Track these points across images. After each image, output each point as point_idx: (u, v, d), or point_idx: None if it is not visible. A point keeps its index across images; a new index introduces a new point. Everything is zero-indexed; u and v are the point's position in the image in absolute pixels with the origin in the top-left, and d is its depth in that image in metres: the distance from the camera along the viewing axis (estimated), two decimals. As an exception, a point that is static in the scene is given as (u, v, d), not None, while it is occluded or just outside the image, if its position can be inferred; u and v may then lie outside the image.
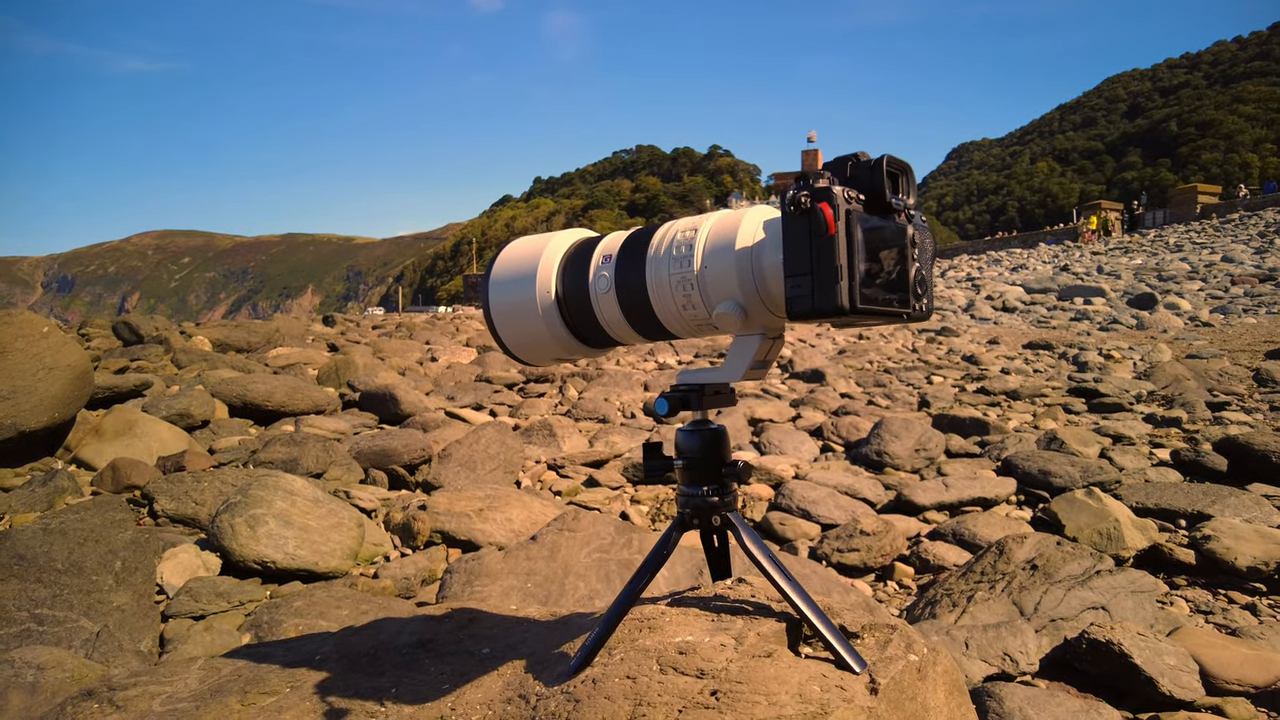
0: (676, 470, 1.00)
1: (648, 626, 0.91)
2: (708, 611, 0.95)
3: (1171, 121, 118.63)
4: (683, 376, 0.98)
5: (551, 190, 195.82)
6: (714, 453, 0.99)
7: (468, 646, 1.09)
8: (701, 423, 1.01)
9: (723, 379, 0.95)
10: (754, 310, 0.90)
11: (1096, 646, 2.16)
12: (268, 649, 1.22)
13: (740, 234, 0.90)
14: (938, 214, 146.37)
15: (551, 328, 1.01)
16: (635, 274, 0.95)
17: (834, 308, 0.78)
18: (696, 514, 0.99)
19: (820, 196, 0.78)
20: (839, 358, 10.79)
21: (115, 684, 1.15)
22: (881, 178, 0.82)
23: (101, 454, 4.08)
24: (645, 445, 1.03)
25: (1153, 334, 12.59)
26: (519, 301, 1.02)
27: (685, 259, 0.92)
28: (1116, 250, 30.24)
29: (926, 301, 0.90)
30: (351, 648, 1.13)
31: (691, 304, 0.92)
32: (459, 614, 1.21)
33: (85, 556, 2.55)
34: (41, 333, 3.99)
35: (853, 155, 0.84)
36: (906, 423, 5.00)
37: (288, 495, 2.91)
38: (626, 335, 1.01)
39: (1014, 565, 2.62)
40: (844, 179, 0.83)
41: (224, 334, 9.79)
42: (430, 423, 5.43)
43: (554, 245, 1.04)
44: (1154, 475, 4.34)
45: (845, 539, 3.28)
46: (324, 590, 2.55)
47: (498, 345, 1.05)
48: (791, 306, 0.81)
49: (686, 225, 0.95)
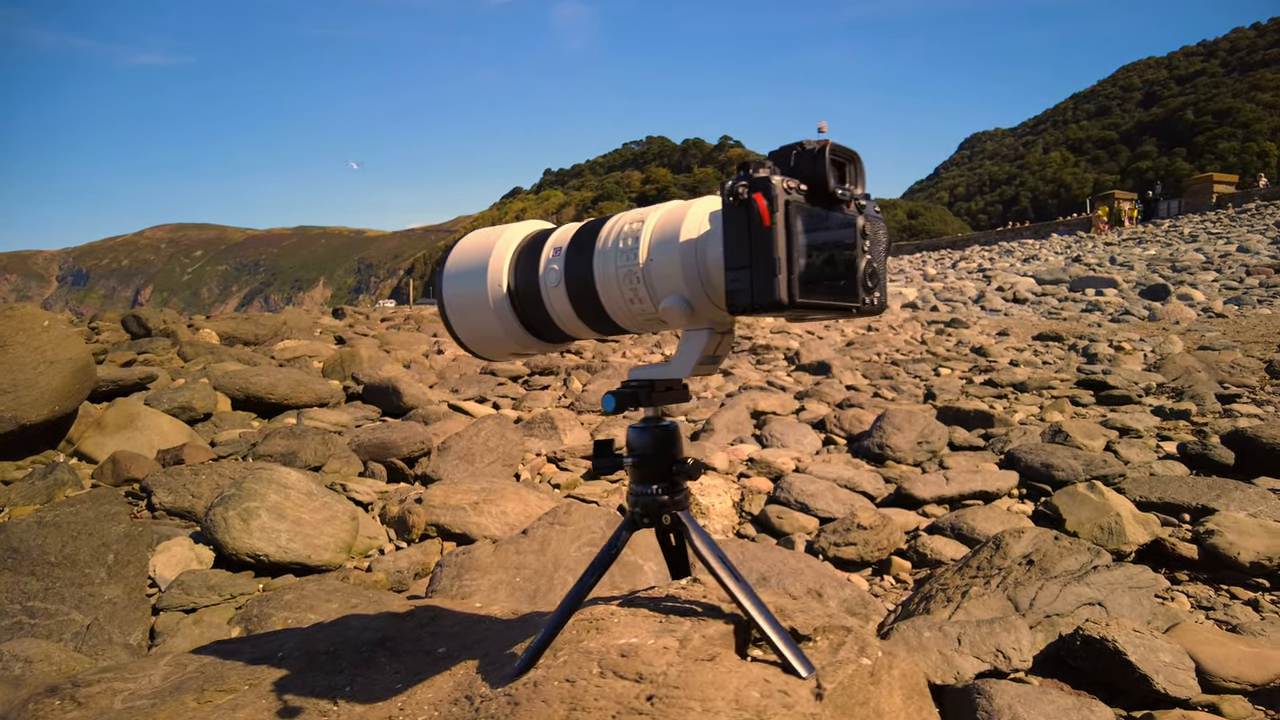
0: (627, 468, 0.98)
1: (595, 627, 0.90)
2: (657, 612, 0.93)
3: (1188, 110, 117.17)
4: (634, 373, 0.96)
5: (561, 182, 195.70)
6: (664, 450, 0.96)
7: (426, 645, 1.08)
8: (652, 419, 0.98)
9: (672, 375, 0.93)
10: (700, 304, 0.87)
11: (1090, 643, 2.13)
12: (235, 645, 1.21)
13: (685, 226, 0.87)
14: (950, 204, 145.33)
15: (504, 322, 0.99)
16: (584, 267, 0.93)
17: (772, 302, 0.75)
18: (647, 513, 0.97)
19: (757, 187, 0.76)
20: (846, 350, 10.74)
21: (80, 680, 1.14)
22: (824, 166, 0.79)
23: (103, 447, 4.10)
24: (596, 442, 1.01)
25: (1164, 325, 12.46)
26: (471, 295, 1.00)
27: (631, 252, 0.89)
28: (1130, 241, 29.96)
29: (879, 295, 0.87)
30: (314, 645, 1.12)
31: (638, 298, 0.90)
32: (422, 611, 1.20)
33: (78, 550, 2.56)
34: (42, 326, 4.00)
35: (797, 143, 0.81)
36: (909, 415, 4.96)
37: (281, 488, 2.91)
38: (579, 330, 0.98)
39: (1010, 560, 2.59)
40: (786, 168, 0.80)
41: (232, 327, 9.83)
42: (431, 415, 5.43)
43: (507, 237, 1.01)
44: (1160, 468, 4.29)
45: (842, 533, 3.26)
46: (315, 584, 2.55)
47: (453, 340, 1.03)
48: (731, 300, 0.78)
49: (634, 217, 0.92)
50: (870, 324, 13.86)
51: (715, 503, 3.82)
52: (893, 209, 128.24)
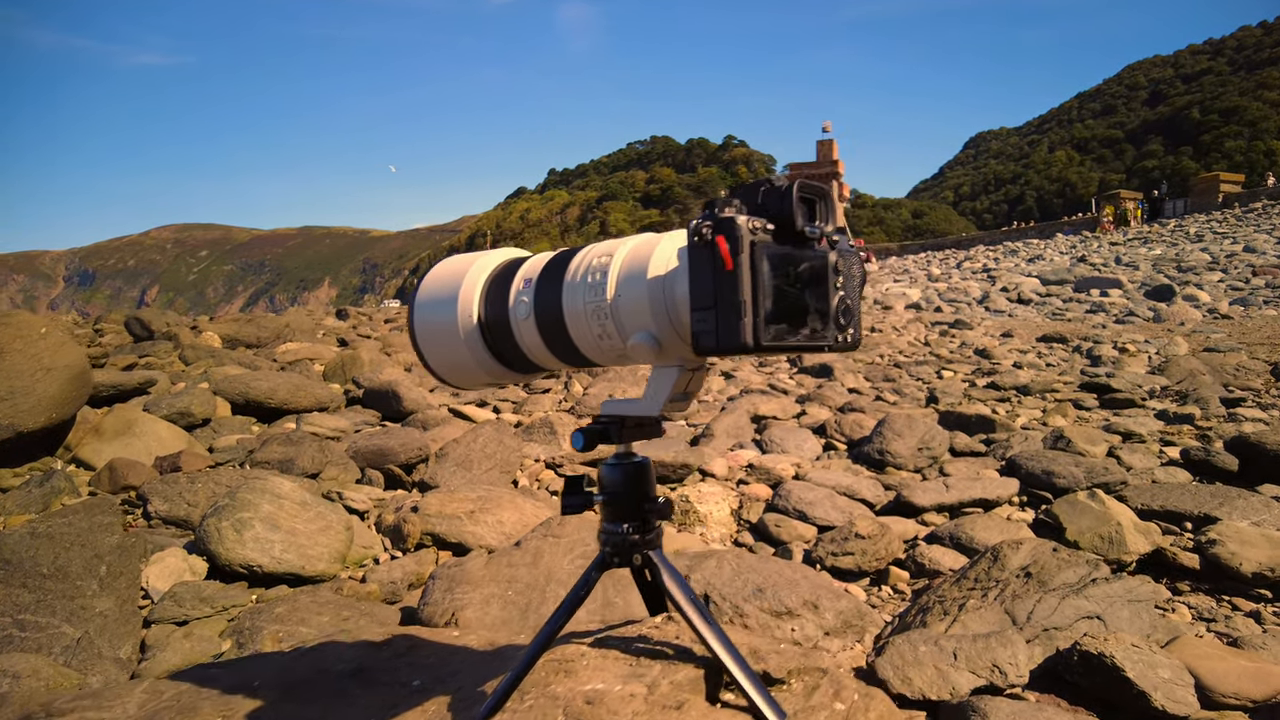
0: (598, 507, 0.96)
1: (564, 670, 0.88)
2: (628, 654, 0.91)
3: (1194, 109, 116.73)
4: (605, 407, 0.94)
5: (566, 182, 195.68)
6: (636, 488, 0.94)
7: (402, 676, 1.06)
8: (624, 455, 0.96)
9: (643, 412, 0.91)
10: (668, 342, 0.85)
11: (1088, 658, 2.10)
12: (214, 672, 1.20)
13: (653, 262, 0.85)
14: (954, 204, 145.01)
15: (474, 352, 0.97)
16: (553, 300, 0.91)
17: (738, 345, 0.73)
18: (617, 552, 0.95)
19: (721, 228, 0.73)
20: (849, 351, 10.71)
21: (55, 709, 1.13)
22: (792, 204, 0.77)
23: (101, 454, 4.10)
24: (565, 479, 0.98)
25: (1169, 326, 12.40)
26: (442, 325, 0.98)
27: (599, 286, 0.87)
28: (1135, 240, 29.83)
29: (853, 331, 0.85)
30: (292, 674, 1.11)
31: (607, 334, 0.88)
32: (399, 641, 1.18)
33: (71, 561, 2.55)
34: (39, 333, 4.00)
35: (766, 180, 0.79)
36: (910, 420, 4.93)
37: (275, 498, 2.90)
38: (549, 362, 0.96)
39: (1008, 572, 2.57)
40: (754, 207, 0.78)
41: (234, 329, 9.83)
42: (431, 420, 5.42)
43: (478, 266, 0.99)
44: (1162, 475, 4.25)
45: (840, 542, 3.23)
46: (307, 595, 2.54)
47: (425, 370, 1.02)
48: (697, 342, 0.76)
49: (603, 250, 0.90)
50: (874, 325, 13.82)
51: (713, 510, 3.80)
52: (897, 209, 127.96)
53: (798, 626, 2.61)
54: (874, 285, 24.78)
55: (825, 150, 78.71)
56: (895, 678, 2.17)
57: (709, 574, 2.74)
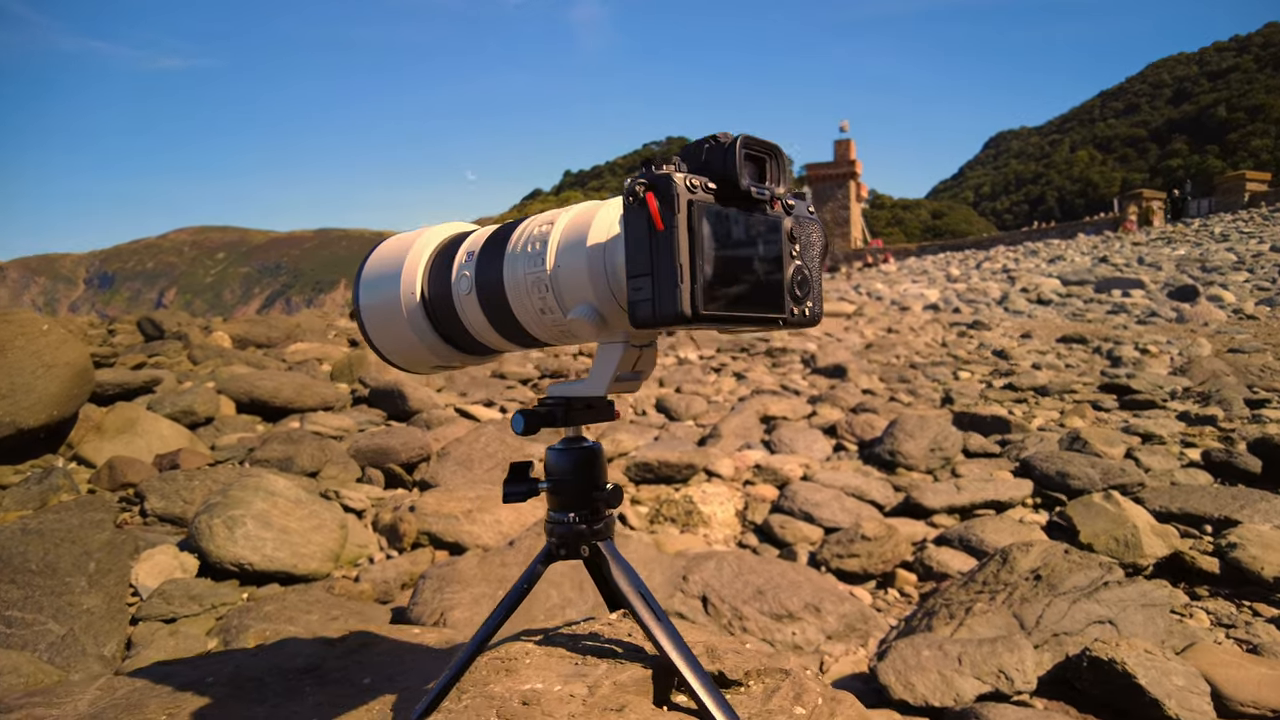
0: (544, 494, 0.90)
1: (506, 669, 0.82)
2: (574, 653, 0.85)
3: (1220, 106, 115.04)
4: (551, 389, 0.87)
5: (581, 183, 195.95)
6: (584, 474, 0.88)
7: (353, 675, 1.01)
8: (573, 440, 0.90)
9: (589, 392, 0.84)
10: (611, 315, 0.78)
11: (1098, 665, 2.02)
12: (171, 669, 1.15)
13: (594, 228, 0.78)
14: (975, 204, 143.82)
15: (419, 333, 0.91)
16: (495, 274, 0.85)
17: (675, 314, 0.66)
18: (563, 544, 0.88)
19: (654, 185, 0.67)
20: (865, 352, 10.58)
21: (4, 705, 1.08)
22: (735, 162, 0.70)
23: (102, 451, 4.09)
24: (511, 465, 0.92)
25: (1193, 327, 12.16)
26: (386, 303, 0.92)
27: (539, 256, 0.81)
28: (1159, 240, 29.40)
29: (811, 305, 0.77)
30: (246, 671, 1.06)
31: (548, 307, 0.81)
32: (354, 638, 1.13)
33: (60, 558, 2.52)
34: (41, 330, 4.00)
35: (711, 137, 0.72)
36: (922, 421, 4.83)
37: (268, 496, 2.86)
38: (496, 342, 0.90)
39: (1017, 575, 2.48)
40: (697, 165, 0.71)
41: (245, 330, 9.86)
42: (435, 420, 5.38)
43: (423, 240, 0.93)
44: (1182, 477, 4.13)
45: (846, 544, 3.15)
46: (297, 594, 2.50)
47: (373, 352, 0.96)
48: (633, 312, 0.69)
49: (545, 219, 0.84)
50: (891, 326, 13.68)
51: (718, 511, 3.73)
52: (916, 209, 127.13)
53: (798, 630, 2.54)
54: (892, 286, 24.56)
55: (843, 150, 78.36)
56: (897, 683, 2.09)
57: (708, 575, 2.67)
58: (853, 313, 15.81)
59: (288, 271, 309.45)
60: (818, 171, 78.02)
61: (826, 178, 76.74)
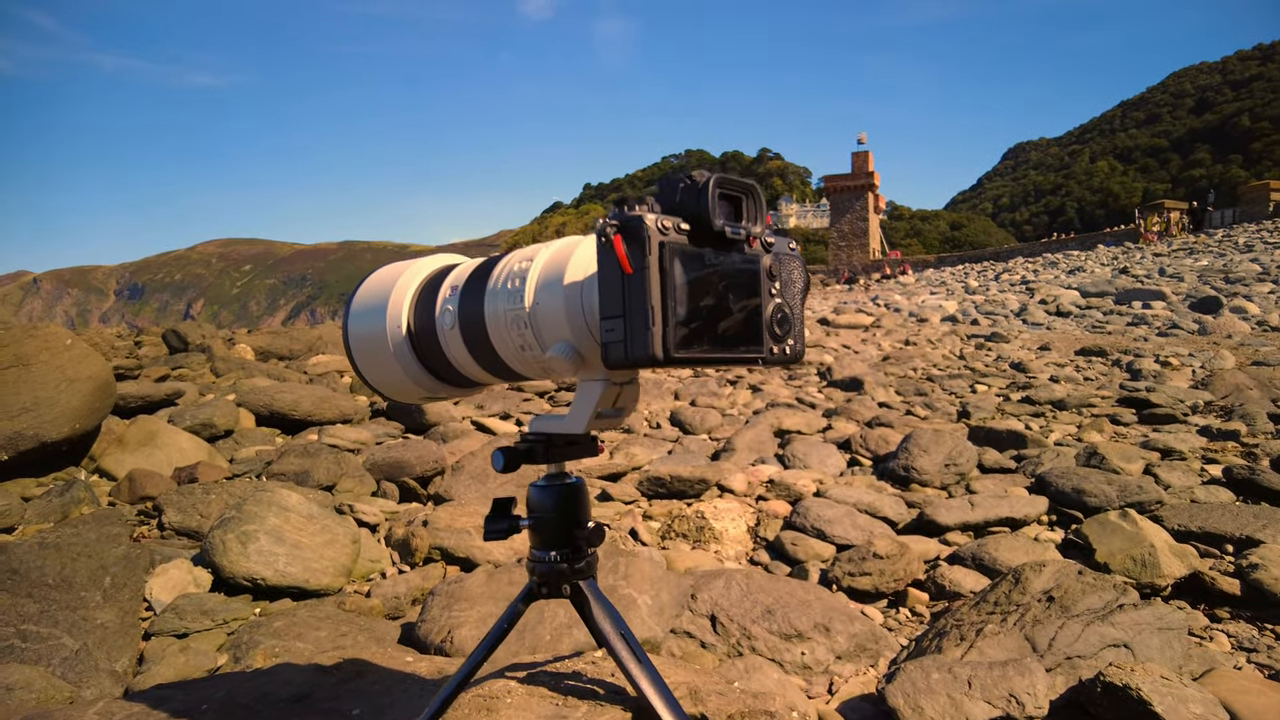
0: (526, 531, 0.90)
1: (486, 708, 0.82)
2: (555, 693, 0.85)
3: (1243, 115, 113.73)
4: (533, 424, 0.88)
5: (601, 196, 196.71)
6: (565, 512, 0.88)
7: (343, 705, 1.01)
8: (556, 476, 0.90)
9: (569, 429, 0.85)
10: (589, 353, 0.78)
11: (1112, 690, 1.98)
12: (166, 693, 1.16)
13: (570, 266, 0.79)
14: (993, 215, 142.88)
15: (405, 365, 0.91)
16: (476, 309, 0.85)
17: (647, 357, 0.66)
18: (545, 582, 0.88)
19: (623, 227, 0.67)
20: (881, 365, 10.51)
21: (4, 729, 1.10)
22: (709, 203, 0.70)
23: (122, 464, 4.15)
24: (494, 501, 0.92)
25: (1215, 339, 11.99)
26: (372, 335, 0.93)
27: (518, 294, 0.81)
28: (1181, 251, 29.05)
29: (793, 343, 0.77)
30: (238, 697, 1.07)
31: (527, 344, 0.82)
32: (348, 665, 1.14)
33: (76, 572, 2.55)
34: (65, 344, 4.06)
35: (686, 174, 0.72)
36: (937, 436, 4.79)
37: (281, 511, 2.89)
38: (479, 375, 0.91)
39: (1029, 596, 2.45)
40: (670, 205, 0.71)
41: (267, 342, 9.98)
42: (450, 433, 5.40)
43: (410, 273, 0.94)
44: (1202, 494, 4.06)
45: (858, 562, 3.13)
46: (307, 610, 2.51)
47: (361, 382, 0.97)
48: (606, 354, 0.70)
49: (525, 255, 0.84)
50: (908, 338, 13.60)
51: (729, 527, 3.71)
52: (935, 220, 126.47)
53: (808, 650, 2.52)
54: (910, 297, 24.42)
55: (860, 162, 78.17)
56: (905, 706, 2.07)
57: (717, 594, 2.66)
58: (870, 324, 15.74)
59: (312, 283, 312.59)
60: (836, 183, 77.88)
61: (844, 189, 76.57)
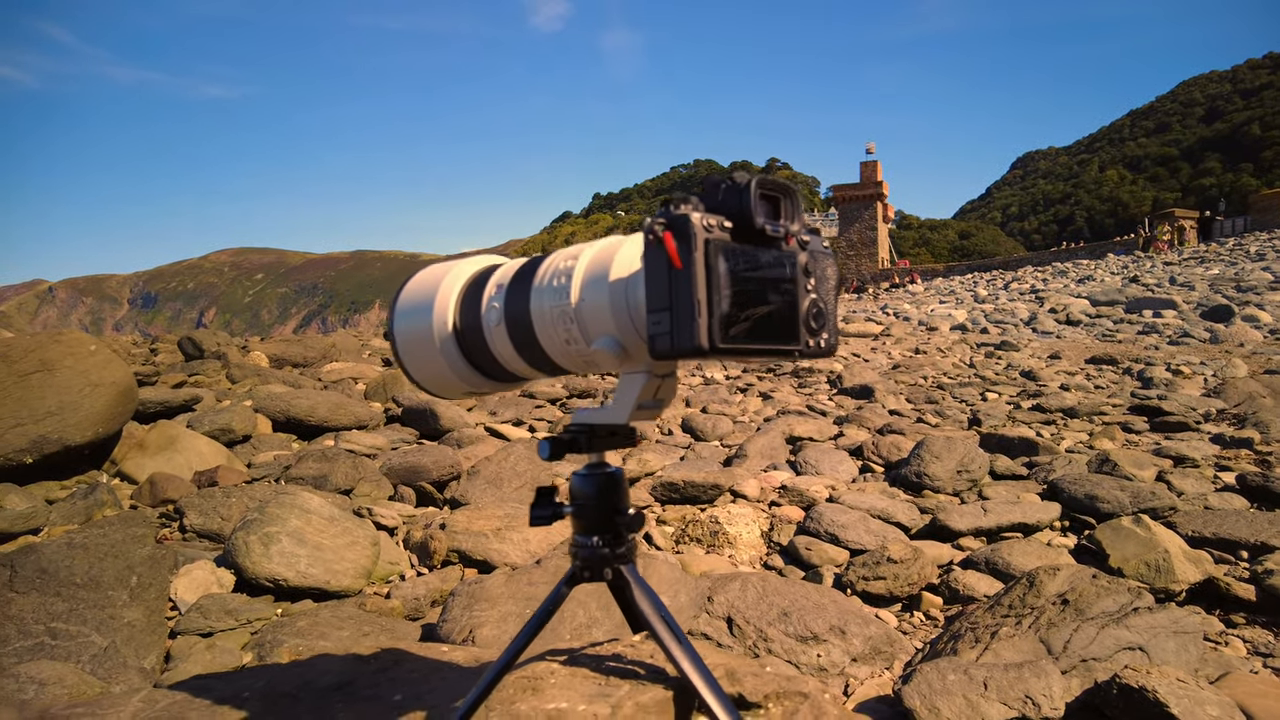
0: (569, 518, 0.94)
1: (532, 688, 0.85)
2: (598, 673, 0.89)
3: (1254, 124, 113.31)
4: (575, 416, 0.92)
5: (610, 205, 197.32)
6: (607, 499, 0.92)
7: (384, 692, 1.05)
8: (597, 465, 0.94)
9: (611, 420, 0.89)
10: (633, 346, 0.83)
11: (1128, 693, 2.00)
12: (207, 682, 1.20)
13: (615, 264, 0.83)
14: (1002, 224, 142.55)
15: (450, 361, 0.96)
16: (522, 305, 0.90)
17: (693, 347, 0.70)
18: (588, 566, 0.92)
19: (672, 224, 0.71)
20: (892, 373, 10.52)
21: (51, 715, 1.14)
22: (750, 202, 0.74)
23: (143, 468, 4.20)
24: (537, 490, 0.96)
25: (1227, 348, 11.94)
26: (419, 333, 0.97)
27: (564, 290, 0.86)
28: (1191, 260, 28.92)
29: (827, 336, 0.81)
30: (279, 686, 1.10)
31: (573, 338, 0.86)
32: (386, 655, 1.17)
33: (104, 571, 2.60)
34: (88, 350, 4.13)
35: (727, 176, 0.77)
36: (949, 442, 4.80)
37: (303, 513, 2.93)
38: (523, 370, 0.95)
39: (1044, 599, 2.47)
40: (713, 204, 0.76)
41: (281, 349, 10.06)
42: (465, 439, 5.45)
43: (455, 273, 0.99)
44: (1216, 501, 4.06)
45: (871, 566, 3.15)
46: (329, 610, 2.55)
47: (407, 379, 1.01)
48: (652, 345, 0.74)
49: (569, 254, 0.89)
50: (918, 347, 13.59)
51: (743, 532, 3.74)
52: (944, 229, 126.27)
53: (824, 652, 2.54)
54: (920, 306, 24.40)
55: (869, 171, 78.19)
56: (922, 707, 2.09)
57: (733, 597, 2.69)
58: (880, 333, 15.73)
59: (324, 292, 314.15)
60: (844, 193, 77.90)
61: (853, 199, 76.60)
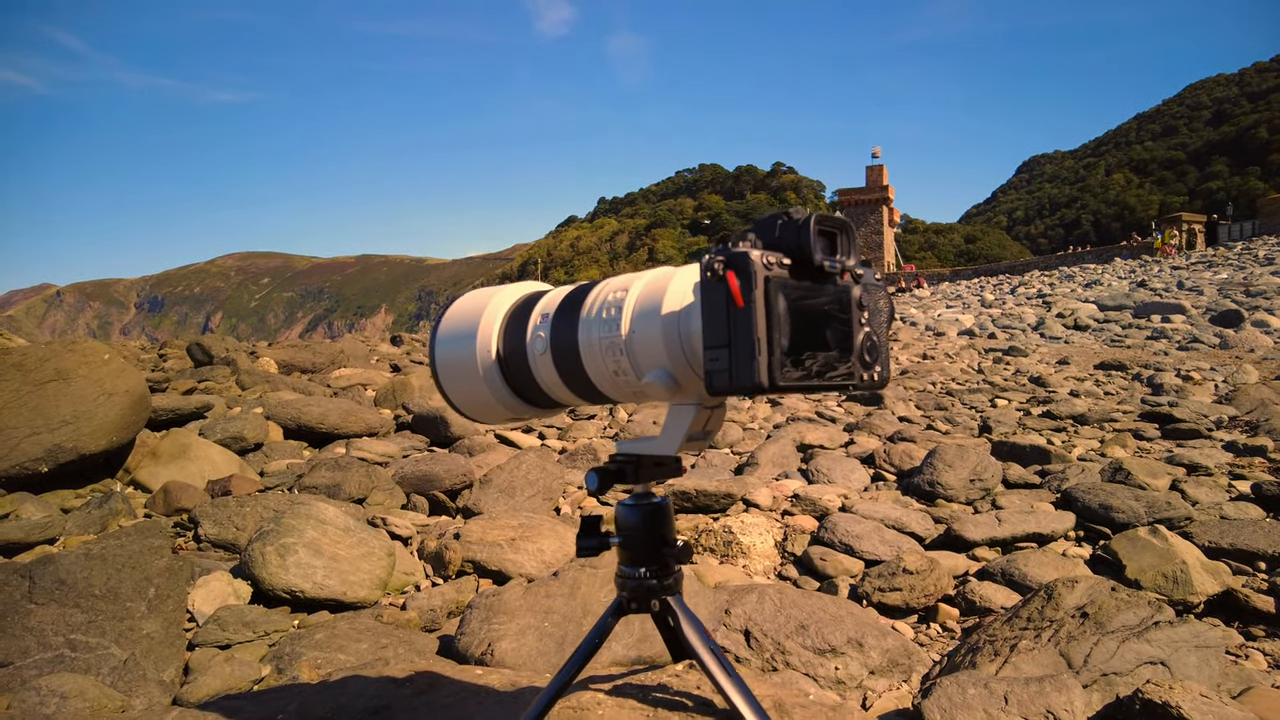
0: (616, 549, 0.93)
1: (579, 718, 0.85)
2: (645, 704, 0.88)
3: (1261, 128, 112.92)
4: (621, 446, 0.92)
5: (615, 210, 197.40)
6: (654, 530, 0.91)
7: (420, 716, 1.05)
8: (643, 496, 0.94)
9: (660, 451, 0.89)
10: (685, 379, 0.83)
11: (1152, 708, 1.99)
12: (237, 703, 1.20)
13: (668, 297, 0.83)
14: (1008, 228, 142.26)
15: (493, 388, 0.96)
16: (569, 335, 0.90)
17: (752, 385, 0.70)
18: (634, 597, 0.92)
19: (733, 263, 0.71)
20: (900, 379, 10.50)
21: (88, 735, 1.14)
22: (809, 239, 0.74)
23: (157, 476, 4.21)
24: (583, 519, 0.96)
25: (1238, 354, 11.89)
26: (461, 360, 0.97)
27: (614, 322, 0.85)
28: (1199, 264, 28.82)
29: (880, 369, 0.81)
30: (312, 709, 1.10)
31: (622, 370, 0.86)
32: (421, 678, 1.17)
33: (122, 583, 2.61)
34: (103, 359, 4.15)
35: (783, 213, 0.76)
36: (961, 451, 4.79)
37: (319, 524, 2.93)
38: (567, 398, 0.95)
39: (1063, 612, 2.45)
40: (770, 240, 0.75)
41: (290, 355, 10.08)
42: (477, 446, 5.45)
43: (497, 301, 0.99)
44: (1232, 510, 4.04)
45: (887, 577, 3.14)
46: (346, 622, 2.55)
47: (448, 405, 1.01)
48: (710, 381, 0.74)
49: (619, 285, 0.89)
50: (926, 352, 13.56)
51: (756, 542, 3.73)
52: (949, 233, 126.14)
53: (841, 665, 2.53)
54: (926, 311, 24.36)
55: (875, 175, 78.24)
56: (943, 722, 2.08)
57: (750, 609, 2.68)
58: (887, 338, 15.69)
59: (330, 296, 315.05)
60: (850, 197, 77.90)
61: (859, 203, 76.58)
